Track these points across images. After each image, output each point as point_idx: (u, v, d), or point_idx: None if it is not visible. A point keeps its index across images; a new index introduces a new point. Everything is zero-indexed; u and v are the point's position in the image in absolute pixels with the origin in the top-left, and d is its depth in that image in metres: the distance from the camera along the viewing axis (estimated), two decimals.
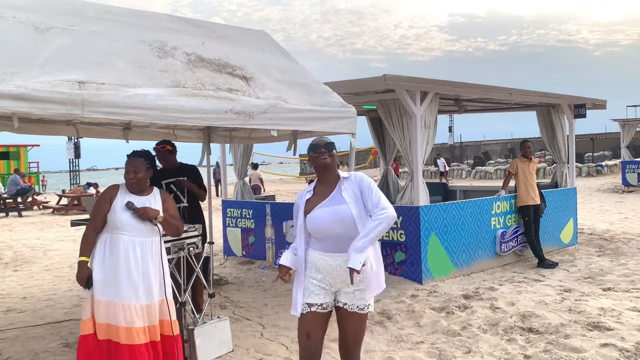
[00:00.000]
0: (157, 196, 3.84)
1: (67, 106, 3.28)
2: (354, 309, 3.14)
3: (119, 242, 3.59)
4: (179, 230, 3.93)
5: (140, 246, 3.61)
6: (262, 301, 6.31)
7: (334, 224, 3.10)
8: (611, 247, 8.78)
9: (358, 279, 3.08)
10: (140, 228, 3.64)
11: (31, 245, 11.49)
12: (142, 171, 3.74)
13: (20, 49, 3.42)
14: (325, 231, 3.11)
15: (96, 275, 3.58)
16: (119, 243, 3.58)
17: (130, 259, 3.57)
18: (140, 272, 3.59)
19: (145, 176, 3.76)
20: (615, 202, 16.32)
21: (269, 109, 4.32)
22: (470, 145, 46.13)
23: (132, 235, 3.61)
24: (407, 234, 6.73)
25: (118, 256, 3.57)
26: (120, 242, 3.59)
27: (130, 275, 3.55)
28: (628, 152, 20.20)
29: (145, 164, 3.78)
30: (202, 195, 5.62)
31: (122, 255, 3.57)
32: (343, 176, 3.24)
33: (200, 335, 4.48)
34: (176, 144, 5.74)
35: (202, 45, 4.59)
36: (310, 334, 3.14)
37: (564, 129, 9.17)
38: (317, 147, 3.22)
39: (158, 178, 5.14)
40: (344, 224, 3.10)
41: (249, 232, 8.49)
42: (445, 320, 5.31)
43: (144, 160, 3.79)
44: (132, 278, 3.56)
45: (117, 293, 3.54)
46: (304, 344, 3.17)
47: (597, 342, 4.59)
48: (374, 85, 6.43)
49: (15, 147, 31.35)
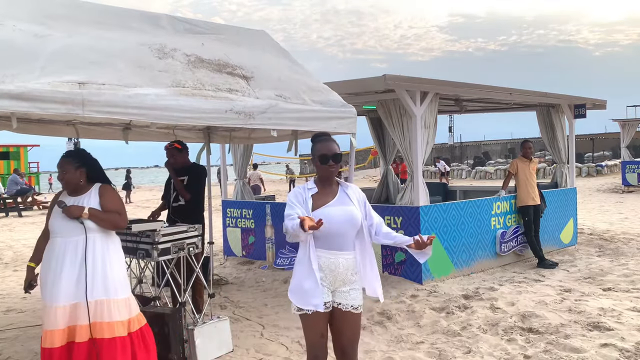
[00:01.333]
0: (93, 193, 3.75)
1: (68, 105, 3.28)
2: (348, 309, 3.13)
3: (54, 245, 3.61)
4: (116, 224, 3.75)
5: (69, 246, 3.58)
6: (262, 301, 6.30)
7: (344, 224, 3.13)
8: (611, 247, 8.78)
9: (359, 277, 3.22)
10: (68, 228, 3.60)
11: (31, 245, 11.47)
12: (70, 171, 3.68)
13: (20, 52, 3.42)
14: (334, 230, 3.11)
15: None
16: (54, 246, 3.61)
17: (59, 259, 3.55)
18: (63, 271, 3.53)
19: (74, 176, 3.69)
20: (615, 202, 16.32)
21: (269, 108, 4.32)
22: (470, 145, 46.14)
23: (64, 237, 3.60)
24: (407, 234, 6.66)
25: (51, 258, 3.58)
26: (55, 244, 3.61)
27: (56, 276, 3.53)
28: (628, 152, 20.20)
29: (74, 163, 3.70)
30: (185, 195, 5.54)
31: (54, 257, 3.57)
32: (344, 184, 3.30)
33: (200, 335, 4.48)
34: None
35: (202, 46, 4.59)
36: (324, 333, 3.14)
37: (564, 129, 9.17)
38: (325, 160, 3.16)
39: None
40: (352, 224, 3.15)
41: (249, 232, 8.49)
42: (445, 321, 5.31)
43: (73, 160, 3.71)
44: (56, 279, 3.53)
45: (46, 295, 3.55)
46: (318, 343, 3.14)
47: (597, 342, 4.59)
48: (374, 85, 6.43)
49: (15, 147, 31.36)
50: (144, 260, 4.78)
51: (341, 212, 3.14)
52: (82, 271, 3.52)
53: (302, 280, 3.10)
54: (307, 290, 3.06)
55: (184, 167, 5.61)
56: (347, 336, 3.16)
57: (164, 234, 4.49)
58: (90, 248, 3.57)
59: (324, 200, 3.17)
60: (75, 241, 3.57)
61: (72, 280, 3.51)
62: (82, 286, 3.50)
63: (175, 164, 5.60)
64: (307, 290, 3.07)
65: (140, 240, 4.52)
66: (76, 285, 3.51)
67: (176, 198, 5.62)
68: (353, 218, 3.16)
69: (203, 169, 5.76)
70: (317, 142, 3.23)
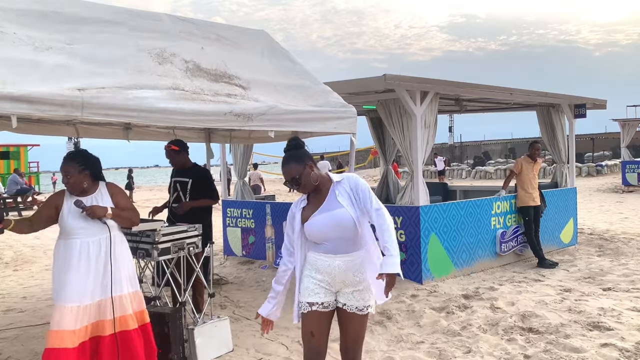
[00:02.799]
0: (103, 192, 3.81)
1: (67, 108, 3.28)
2: (352, 310, 3.13)
3: (73, 246, 3.62)
4: (133, 221, 3.90)
5: (91, 246, 3.64)
6: (262, 301, 6.24)
7: (330, 229, 3.07)
8: (611, 247, 8.78)
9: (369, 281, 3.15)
10: (91, 228, 3.65)
11: (31, 245, 11.50)
12: (74, 175, 3.67)
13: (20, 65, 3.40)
14: (322, 236, 3.11)
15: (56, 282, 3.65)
16: (72, 247, 3.61)
17: (82, 260, 3.60)
18: (90, 271, 3.62)
19: (78, 178, 3.69)
20: (615, 202, 16.32)
21: (268, 110, 4.32)
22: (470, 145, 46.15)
23: (85, 237, 3.63)
24: (407, 234, 6.73)
25: (71, 259, 3.60)
26: (74, 246, 3.61)
27: (81, 276, 3.58)
28: (628, 152, 20.21)
29: (78, 166, 3.70)
30: (207, 203, 5.57)
31: (75, 258, 3.60)
32: (336, 180, 3.17)
33: (200, 335, 4.48)
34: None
35: (201, 50, 4.57)
36: (314, 332, 3.14)
37: (564, 129, 9.17)
38: (289, 185, 3.16)
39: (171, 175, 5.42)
40: (340, 227, 3.07)
41: (249, 232, 8.49)
42: (445, 320, 5.31)
43: (76, 163, 3.71)
44: (82, 279, 3.58)
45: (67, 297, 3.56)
46: (308, 342, 3.16)
47: (597, 342, 4.59)
48: (374, 85, 6.43)
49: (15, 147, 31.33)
50: (144, 260, 4.79)
51: (326, 219, 3.07)
52: (108, 268, 3.66)
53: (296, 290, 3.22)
54: (295, 301, 3.20)
55: (184, 169, 5.58)
56: (350, 336, 3.17)
57: (164, 234, 4.49)
58: (113, 246, 3.70)
59: (311, 210, 3.14)
60: (98, 240, 3.66)
61: (98, 278, 3.64)
62: (108, 283, 3.65)
63: (175, 165, 5.57)
64: (295, 306, 3.20)
65: (141, 239, 4.53)
66: (102, 283, 3.65)
67: (177, 199, 5.59)
68: (340, 222, 3.05)
69: (205, 172, 5.70)
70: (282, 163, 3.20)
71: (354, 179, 3.15)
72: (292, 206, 3.29)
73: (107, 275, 3.66)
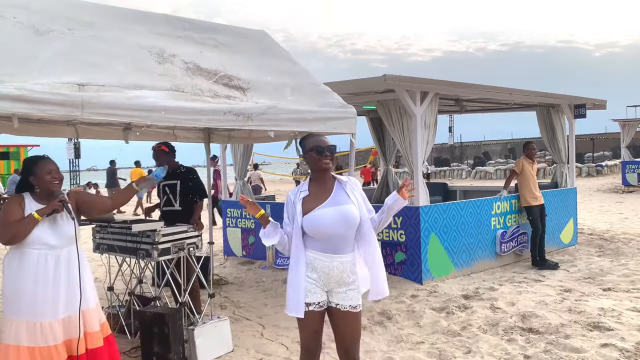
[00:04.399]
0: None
1: (67, 107, 3.28)
2: (346, 308, 3.14)
3: (37, 258, 3.31)
4: (105, 202, 3.71)
5: (58, 257, 3.35)
6: (262, 301, 6.30)
7: (338, 224, 3.07)
8: (611, 247, 8.77)
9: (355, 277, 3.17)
10: (59, 239, 3.37)
11: None
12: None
13: (19, 51, 3.41)
14: (328, 231, 3.08)
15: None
16: (37, 258, 3.31)
17: (50, 272, 3.31)
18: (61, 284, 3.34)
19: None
20: (615, 202, 16.32)
21: (268, 110, 4.33)
22: (470, 145, 46.12)
23: (53, 249, 3.34)
24: (407, 234, 6.73)
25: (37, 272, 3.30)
26: (39, 257, 3.31)
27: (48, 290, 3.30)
28: (628, 152, 20.19)
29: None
30: (201, 206, 5.50)
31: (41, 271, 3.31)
32: (342, 179, 3.22)
33: (200, 335, 4.48)
34: (176, 144, 5.70)
35: (200, 54, 4.57)
36: (318, 331, 3.15)
37: (564, 129, 9.17)
38: (322, 151, 3.14)
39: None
40: (348, 224, 3.09)
41: (249, 232, 8.49)
42: (445, 321, 5.31)
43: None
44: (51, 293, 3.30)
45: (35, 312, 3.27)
46: (311, 341, 3.16)
47: (597, 342, 4.59)
48: (374, 85, 6.43)
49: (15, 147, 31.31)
50: (144, 260, 4.79)
51: (334, 213, 3.08)
52: (76, 281, 3.35)
53: (290, 284, 3.17)
54: (290, 294, 3.15)
55: (172, 171, 5.41)
56: (349, 335, 3.17)
57: (164, 234, 4.50)
58: (81, 257, 3.40)
59: (317, 201, 3.12)
60: (67, 251, 3.38)
61: (68, 292, 3.35)
62: (75, 297, 3.34)
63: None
64: (290, 295, 3.15)
65: (141, 240, 4.53)
66: (72, 297, 3.35)
67: (167, 202, 5.51)
68: (349, 218, 3.08)
69: (192, 171, 5.58)
70: (309, 137, 3.28)
71: (357, 182, 3.30)
72: (290, 193, 3.25)
73: (76, 288, 3.34)
